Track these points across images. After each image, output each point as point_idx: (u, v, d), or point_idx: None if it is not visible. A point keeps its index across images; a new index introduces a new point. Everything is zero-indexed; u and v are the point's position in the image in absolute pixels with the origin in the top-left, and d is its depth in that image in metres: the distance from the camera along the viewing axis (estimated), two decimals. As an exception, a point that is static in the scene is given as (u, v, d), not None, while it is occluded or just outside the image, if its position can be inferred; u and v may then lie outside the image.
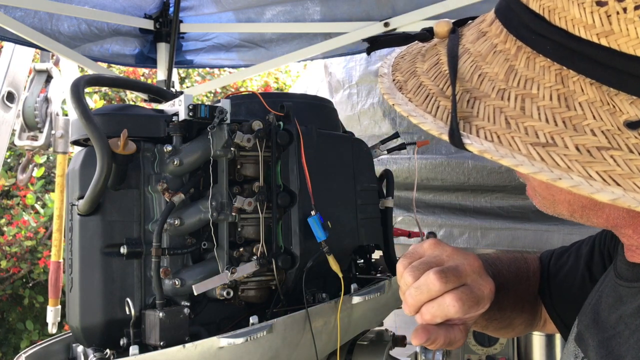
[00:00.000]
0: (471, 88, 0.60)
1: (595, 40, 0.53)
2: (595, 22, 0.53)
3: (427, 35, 0.70)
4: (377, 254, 1.36)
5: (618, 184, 0.50)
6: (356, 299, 1.14)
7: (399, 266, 0.76)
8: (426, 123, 0.59)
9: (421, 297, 0.71)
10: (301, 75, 6.27)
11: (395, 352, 1.31)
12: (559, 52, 0.56)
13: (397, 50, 0.76)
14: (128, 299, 1.04)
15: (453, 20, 0.70)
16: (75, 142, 1.16)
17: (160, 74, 2.68)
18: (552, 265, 0.99)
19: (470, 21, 0.72)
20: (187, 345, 0.98)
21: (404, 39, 0.73)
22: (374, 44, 0.72)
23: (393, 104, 0.64)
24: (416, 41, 0.73)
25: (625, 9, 0.52)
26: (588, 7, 0.54)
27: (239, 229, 1.13)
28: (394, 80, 0.68)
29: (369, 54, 0.74)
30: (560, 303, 0.96)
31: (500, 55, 0.61)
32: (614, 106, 0.53)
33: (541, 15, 0.58)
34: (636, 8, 0.51)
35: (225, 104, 1.10)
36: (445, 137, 0.57)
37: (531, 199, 0.74)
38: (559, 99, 0.55)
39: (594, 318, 0.73)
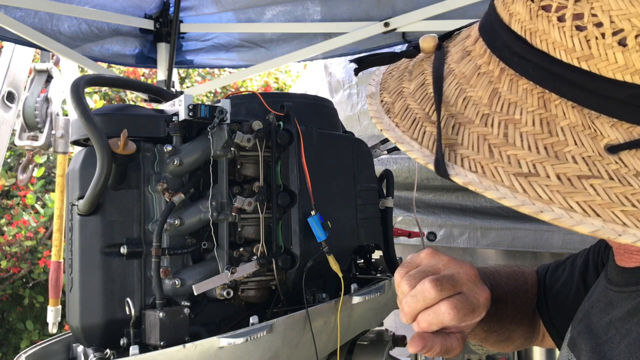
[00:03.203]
0: (456, 113, 0.61)
1: (575, 63, 0.54)
2: (575, 46, 0.54)
3: (413, 51, 0.71)
4: (377, 254, 1.36)
5: (598, 215, 0.51)
6: (356, 299, 1.14)
7: (397, 275, 0.77)
8: (413, 151, 0.60)
9: (417, 305, 0.72)
10: (301, 75, 6.28)
11: (395, 352, 1.31)
12: (541, 75, 0.57)
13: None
14: (128, 299, 1.04)
15: (439, 35, 0.71)
16: (75, 142, 1.16)
17: (160, 74, 2.68)
18: (548, 278, 1.00)
19: (456, 33, 0.72)
20: (187, 345, 0.98)
21: (391, 57, 0.74)
22: (360, 64, 0.73)
23: (381, 130, 0.65)
24: (403, 58, 0.74)
25: (603, 35, 0.52)
26: (568, 30, 0.54)
27: (239, 229, 1.13)
28: (381, 101, 0.69)
29: (356, 74, 0.75)
30: (557, 315, 0.96)
31: (484, 77, 0.62)
32: (595, 130, 0.54)
33: (523, 37, 0.58)
34: (614, 34, 0.52)
35: (225, 104, 1.10)
36: (432, 167, 0.58)
37: None
38: (542, 123, 0.56)
39: (586, 324, 0.74)
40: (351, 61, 0.74)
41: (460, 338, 0.75)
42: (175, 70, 2.73)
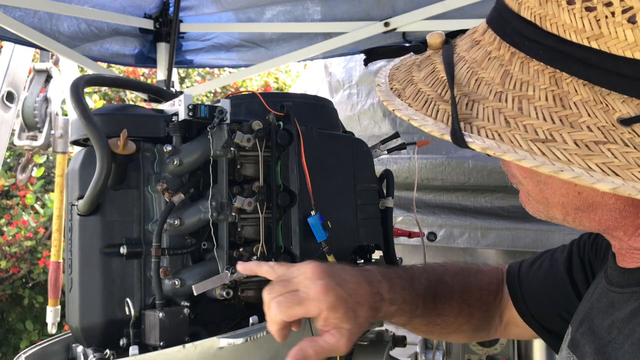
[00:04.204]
0: (469, 92, 0.62)
1: (586, 43, 0.55)
2: (585, 26, 0.55)
3: (421, 46, 0.73)
4: (377, 254, 1.36)
5: (617, 175, 0.52)
6: (356, 299, 1.14)
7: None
8: (427, 125, 0.61)
9: (266, 313, 0.84)
10: (301, 75, 6.28)
11: (395, 352, 1.31)
12: (552, 56, 0.58)
13: (391, 63, 0.78)
14: (128, 299, 1.04)
15: (446, 32, 0.72)
16: (75, 142, 1.16)
17: (160, 74, 2.68)
18: (522, 274, 1.02)
19: (460, 34, 0.74)
20: (187, 345, 0.98)
21: (400, 50, 0.76)
22: (370, 55, 0.74)
23: (393, 110, 0.66)
24: (410, 53, 0.75)
25: (613, 13, 0.54)
26: (578, 12, 0.56)
27: (239, 229, 1.13)
28: (391, 88, 0.70)
29: (366, 64, 0.76)
30: (538, 308, 0.98)
31: (495, 61, 0.63)
32: (606, 105, 0.55)
33: (533, 22, 0.60)
34: (624, 12, 0.53)
35: (225, 104, 1.10)
36: (448, 138, 0.59)
37: (524, 206, 0.76)
38: (554, 99, 0.57)
39: (589, 326, 0.75)
40: (361, 51, 0.75)
41: (336, 333, 0.80)
42: (175, 70, 2.72)
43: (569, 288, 0.93)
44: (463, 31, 0.74)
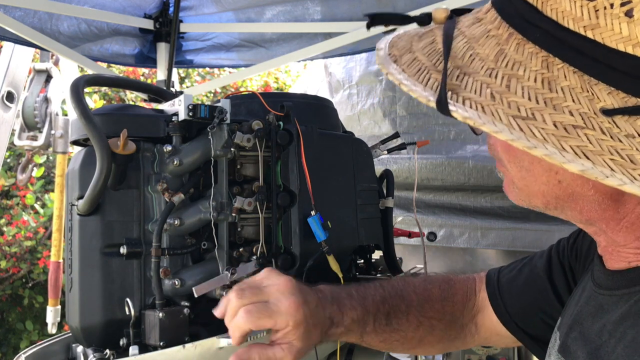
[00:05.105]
0: (462, 65, 0.63)
1: (582, 32, 0.57)
2: (584, 15, 0.56)
3: (425, 18, 0.74)
4: (377, 254, 1.36)
5: (588, 159, 0.53)
6: (356, 299, 1.13)
7: (230, 293, 0.84)
8: (416, 91, 0.62)
9: (227, 316, 0.82)
10: (301, 75, 6.28)
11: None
12: (548, 40, 0.59)
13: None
14: (128, 299, 1.04)
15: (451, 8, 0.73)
16: (75, 142, 1.16)
17: (160, 74, 2.68)
18: (502, 282, 1.02)
19: (466, 13, 0.75)
20: (187, 345, 0.98)
21: (404, 18, 0.76)
22: (374, 19, 0.75)
23: (386, 73, 0.68)
24: (414, 23, 0.76)
25: (612, 5, 0.55)
26: (579, 1, 0.57)
27: (239, 229, 1.13)
28: (389, 54, 0.71)
29: (368, 28, 0.76)
30: (521, 315, 0.98)
31: (493, 39, 0.64)
32: (592, 94, 0.57)
33: (534, 6, 0.61)
34: (622, 5, 0.54)
35: (225, 104, 1.10)
36: (433, 104, 0.60)
37: (507, 194, 0.77)
38: (543, 82, 0.58)
39: (580, 330, 0.75)
40: (365, 15, 0.76)
41: (286, 349, 0.81)
42: (175, 70, 2.72)
43: (550, 293, 0.94)
44: (469, 10, 0.75)
